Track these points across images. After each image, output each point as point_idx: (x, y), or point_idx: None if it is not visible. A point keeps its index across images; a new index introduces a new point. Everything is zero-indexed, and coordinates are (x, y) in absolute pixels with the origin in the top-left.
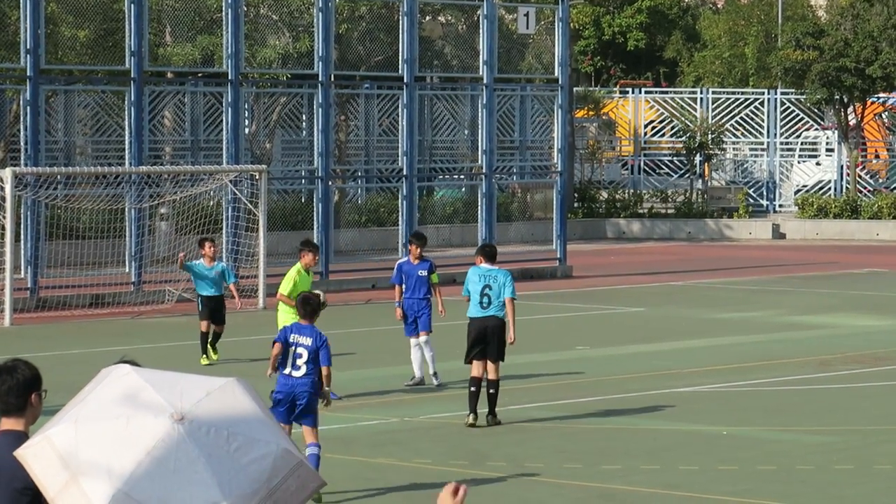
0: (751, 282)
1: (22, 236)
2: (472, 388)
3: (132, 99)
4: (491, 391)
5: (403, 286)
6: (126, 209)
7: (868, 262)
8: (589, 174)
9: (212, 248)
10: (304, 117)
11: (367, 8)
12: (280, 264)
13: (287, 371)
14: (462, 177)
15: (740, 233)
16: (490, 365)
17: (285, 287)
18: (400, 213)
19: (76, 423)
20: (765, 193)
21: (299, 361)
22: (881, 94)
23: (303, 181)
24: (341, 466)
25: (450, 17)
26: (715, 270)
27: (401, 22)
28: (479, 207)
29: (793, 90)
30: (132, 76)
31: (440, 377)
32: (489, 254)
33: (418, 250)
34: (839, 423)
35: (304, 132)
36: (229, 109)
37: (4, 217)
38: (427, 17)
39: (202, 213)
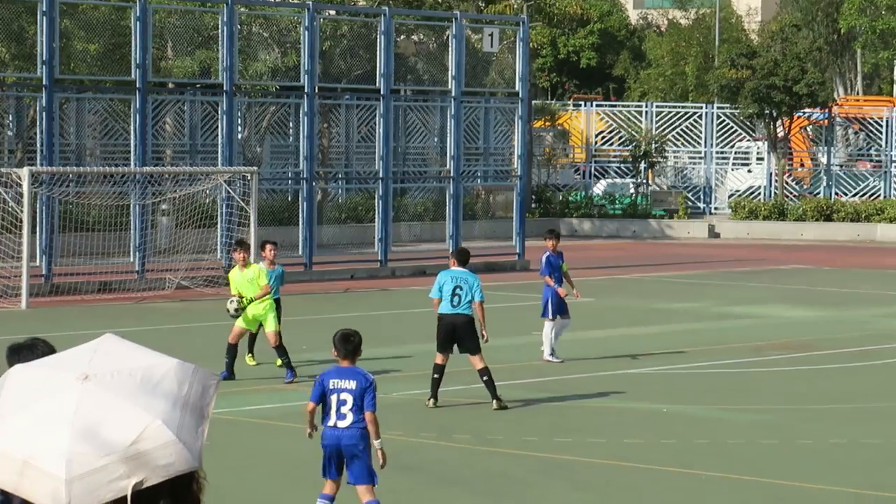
0: (689, 276)
1: (37, 229)
2: (436, 376)
3: (137, 106)
4: (484, 378)
5: (549, 273)
6: (131, 205)
7: (793, 259)
8: (545, 178)
9: (272, 252)
10: (290, 124)
11: (347, 27)
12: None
13: (332, 423)
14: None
15: (680, 232)
16: (472, 357)
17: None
18: (376, 212)
19: (2, 423)
20: (702, 197)
21: (344, 409)
22: (806, 110)
23: (289, 182)
24: (296, 437)
25: (422, 36)
26: (657, 265)
27: (378, 40)
28: (447, 207)
29: (727, 105)
30: (137, 86)
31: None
32: (462, 259)
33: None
34: (768, 402)
35: (291, 138)
36: (224, 117)
37: (22, 211)
38: (402, 36)
39: (199, 210)
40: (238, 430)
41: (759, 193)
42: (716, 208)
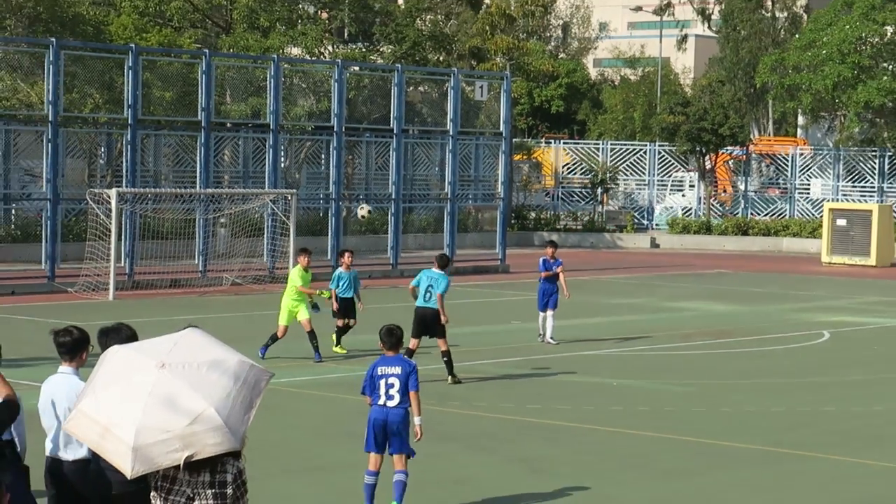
0: (635, 277)
1: (122, 236)
2: (453, 378)
3: (202, 141)
4: (444, 359)
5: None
6: (196, 219)
7: (717, 265)
8: (522, 200)
9: (350, 258)
10: (322, 156)
11: (368, 80)
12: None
13: (381, 402)
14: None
15: (628, 243)
16: (439, 340)
17: (297, 282)
18: (389, 225)
19: (95, 394)
20: (645, 216)
21: (392, 391)
22: (728, 147)
23: (321, 201)
24: (327, 402)
25: (426, 87)
26: (610, 269)
27: (392, 90)
28: (445, 222)
29: (667, 143)
30: (202, 125)
31: (554, 341)
32: (441, 263)
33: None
34: (695, 377)
35: (323, 167)
36: (270, 150)
37: (111, 223)
38: (411, 87)
39: (250, 223)
40: (278, 398)
41: (691, 213)
42: (656, 224)
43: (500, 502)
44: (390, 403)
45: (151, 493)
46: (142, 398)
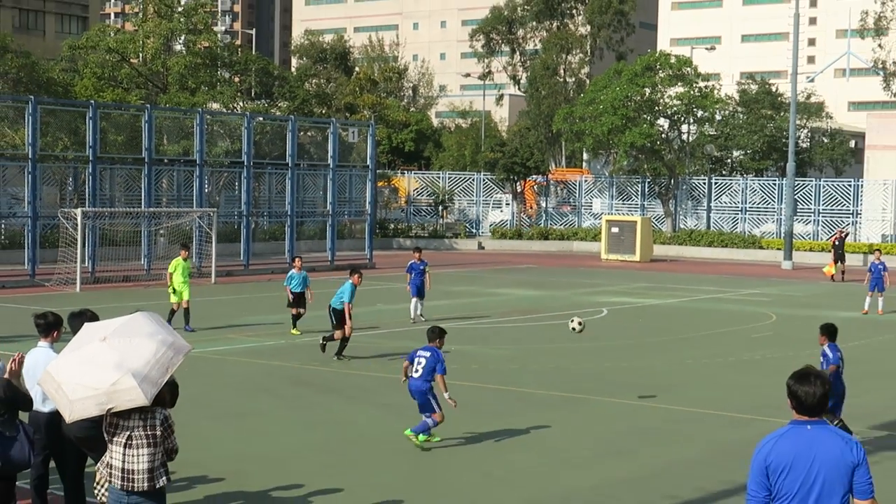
0: (467, 271)
1: (86, 244)
2: (322, 342)
3: (146, 173)
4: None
5: (412, 274)
6: (142, 231)
7: (526, 262)
8: (384, 215)
9: (300, 262)
10: (236, 184)
11: (270, 128)
12: (226, 260)
13: (411, 373)
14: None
15: (461, 246)
16: (338, 333)
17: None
18: (286, 235)
19: (58, 359)
20: (474, 226)
21: (419, 368)
22: (534, 176)
23: (235, 217)
24: (243, 366)
25: (313, 133)
26: (449, 265)
27: (287, 135)
28: (328, 231)
29: (489, 173)
30: (146, 161)
31: (424, 318)
32: (354, 273)
33: (419, 255)
34: (512, 344)
35: (237, 192)
36: (197, 179)
37: (77, 234)
38: (301, 133)
39: (182, 233)
40: (206, 363)
41: (507, 224)
42: (482, 232)
43: (374, 439)
44: (415, 375)
45: (104, 434)
46: (84, 363)
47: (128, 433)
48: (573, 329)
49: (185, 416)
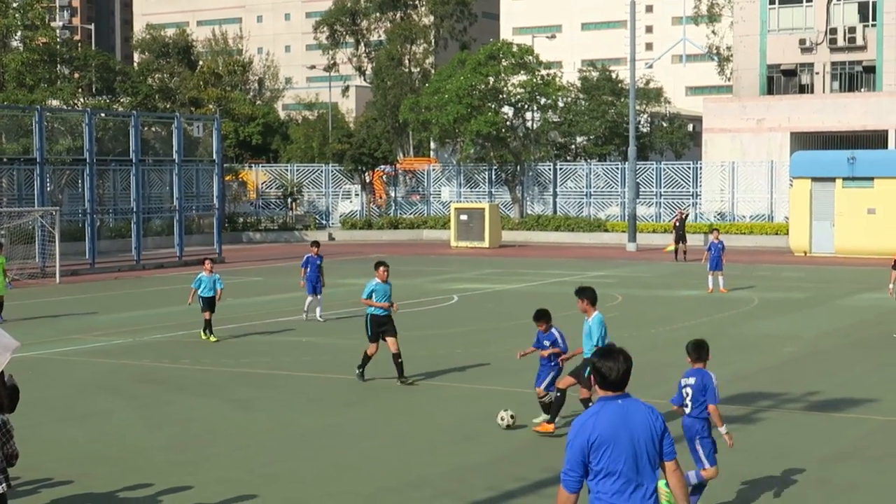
0: (331, 261)
1: None
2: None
3: None
4: (399, 360)
5: (308, 268)
6: None
7: (375, 252)
8: (232, 209)
9: (210, 264)
10: (80, 182)
11: (113, 123)
12: (71, 259)
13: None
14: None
15: (312, 238)
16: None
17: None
18: (133, 232)
19: None
20: (325, 217)
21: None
22: (382, 166)
23: (80, 215)
24: (87, 366)
25: (157, 128)
26: (300, 258)
27: (130, 131)
28: (175, 227)
29: (338, 164)
30: None
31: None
32: (380, 265)
33: (315, 251)
34: (457, 325)
35: (80, 189)
36: (38, 178)
37: None
38: (145, 128)
39: (26, 233)
40: (50, 365)
41: (357, 214)
42: (332, 223)
43: (223, 434)
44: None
45: None
46: None
47: None
48: (507, 426)
49: (28, 419)
